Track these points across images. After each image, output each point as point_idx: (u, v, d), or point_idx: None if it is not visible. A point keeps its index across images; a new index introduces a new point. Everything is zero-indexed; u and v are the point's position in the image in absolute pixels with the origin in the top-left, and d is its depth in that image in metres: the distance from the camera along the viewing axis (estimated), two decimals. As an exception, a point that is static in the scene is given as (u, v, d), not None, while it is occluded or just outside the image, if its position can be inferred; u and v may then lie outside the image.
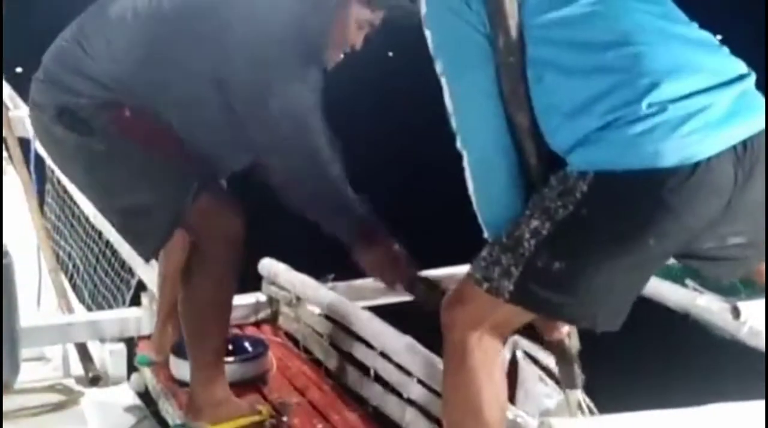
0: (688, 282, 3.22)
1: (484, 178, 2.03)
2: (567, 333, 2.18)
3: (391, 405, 2.85)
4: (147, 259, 2.97)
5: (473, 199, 2.05)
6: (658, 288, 3.19)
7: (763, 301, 2.78)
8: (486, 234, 2.08)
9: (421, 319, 2.81)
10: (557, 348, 2.23)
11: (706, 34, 2.02)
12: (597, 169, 1.88)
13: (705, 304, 3.10)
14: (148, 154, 2.55)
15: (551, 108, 1.95)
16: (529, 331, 2.25)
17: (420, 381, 2.72)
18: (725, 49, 2.02)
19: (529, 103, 1.99)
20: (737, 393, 2.02)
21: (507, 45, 1.97)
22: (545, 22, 1.97)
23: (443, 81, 2.03)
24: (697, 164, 1.84)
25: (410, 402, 2.77)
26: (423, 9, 2.04)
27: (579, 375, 2.22)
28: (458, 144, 2.04)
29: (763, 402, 1.91)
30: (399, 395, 2.84)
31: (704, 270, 2.14)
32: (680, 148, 1.83)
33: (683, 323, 3.25)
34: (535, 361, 2.51)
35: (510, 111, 1.99)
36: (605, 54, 1.92)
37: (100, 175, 2.61)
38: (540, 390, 2.30)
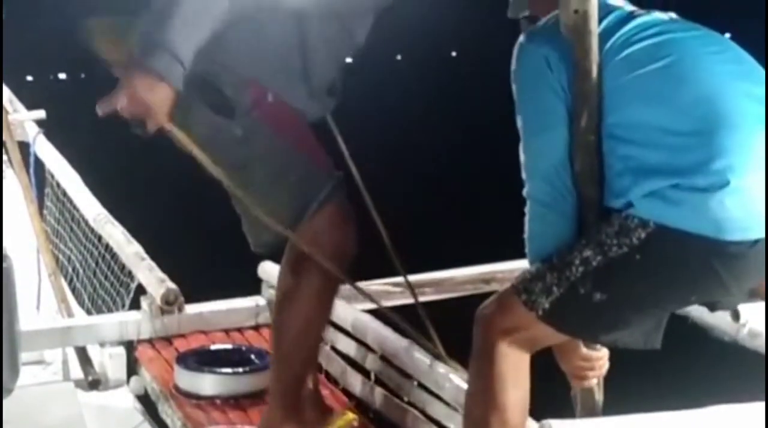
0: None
1: (540, 231, 2.08)
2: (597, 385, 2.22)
3: (392, 409, 2.85)
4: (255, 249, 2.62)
5: (526, 243, 2.11)
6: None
7: (762, 304, 2.78)
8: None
9: (423, 322, 2.81)
10: (583, 396, 2.25)
11: None
12: (659, 222, 1.93)
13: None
14: (284, 144, 2.43)
15: (626, 170, 1.98)
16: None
17: (420, 384, 2.72)
18: None
19: (601, 177, 2.03)
20: (737, 395, 2.02)
21: (588, 125, 2.02)
22: (618, 87, 2.01)
23: (521, 134, 2.10)
24: (755, 241, 1.91)
25: (411, 405, 2.77)
26: (513, 65, 2.12)
27: None
28: (524, 191, 2.09)
29: (763, 404, 1.91)
30: (400, 398, 2.84)
31: (719, 303, 2.18)
32: (744, 227, 1.90)
33: (683, 325, 3.24)
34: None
35: (581, 183, 2.04)
36: (685, 115, 1.95)
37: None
38: None
